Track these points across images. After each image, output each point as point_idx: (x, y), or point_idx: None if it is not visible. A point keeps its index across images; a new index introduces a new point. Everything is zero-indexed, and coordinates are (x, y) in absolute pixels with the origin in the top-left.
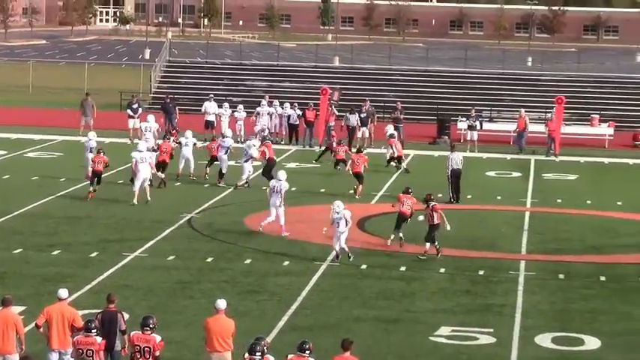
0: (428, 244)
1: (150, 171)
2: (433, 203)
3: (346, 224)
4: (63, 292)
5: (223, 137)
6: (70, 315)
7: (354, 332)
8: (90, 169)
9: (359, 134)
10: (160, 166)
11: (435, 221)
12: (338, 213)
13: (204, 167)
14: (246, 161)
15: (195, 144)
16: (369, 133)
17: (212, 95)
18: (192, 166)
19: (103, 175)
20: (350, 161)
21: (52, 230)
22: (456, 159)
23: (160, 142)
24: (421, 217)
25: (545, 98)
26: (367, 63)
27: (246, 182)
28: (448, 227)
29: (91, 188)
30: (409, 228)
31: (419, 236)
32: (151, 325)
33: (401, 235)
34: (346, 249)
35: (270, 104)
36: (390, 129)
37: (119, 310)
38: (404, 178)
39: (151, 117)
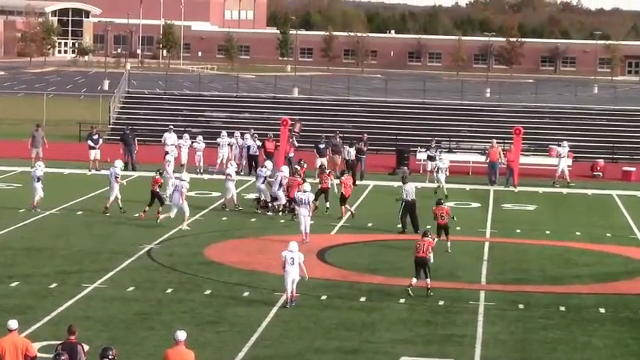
0: (415, 280)
1: (182, 199)
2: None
3: (298, 266)
4: (13, 323)
5: (261, 167)
6: (23, 345)
7: None
8: (37, 198)
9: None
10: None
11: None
12: (292, 252)
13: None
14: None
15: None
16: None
17: (172, 126)
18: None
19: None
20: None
21: (11, 261)
22: (410, 190)
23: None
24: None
25: (503, 129)
26: (326, 94)
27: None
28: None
29: (147, 208)
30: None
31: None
32: (110, 356)
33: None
34: (294, 294)
35: (230, 135)
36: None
37: (79, 342)
38: (361, 210)
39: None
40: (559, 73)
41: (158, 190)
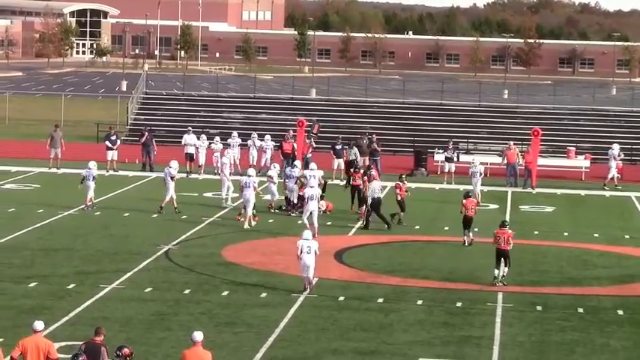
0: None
1: (254, 195)
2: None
3: (315, 255)
4: (38, 325)
5: (293, 167)
6: (45, 347)
7: None
8: (91, 196)
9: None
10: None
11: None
12: (307, 240)
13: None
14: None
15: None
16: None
17: (190, 128)
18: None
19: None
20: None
21: (29, 262)
22: (376, 188)
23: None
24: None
25: (521, 130)
26: (344, 95)
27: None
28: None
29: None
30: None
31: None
32: (118, 353)
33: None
34: (312, 282)
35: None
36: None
37: (104, 344)
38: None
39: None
40: (577, 75)
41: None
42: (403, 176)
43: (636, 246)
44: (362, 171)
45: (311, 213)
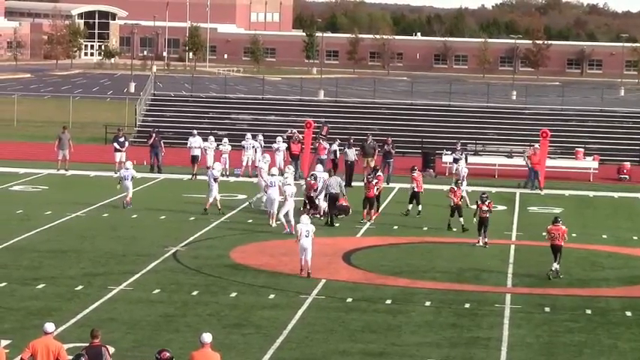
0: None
1: (279, 194)
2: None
3: (310, 238)
4: (49, 326)
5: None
6: (56, 349)
7: None
8: (129, 197)
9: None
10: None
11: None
12: (305, 224)
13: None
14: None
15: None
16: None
17: (195, 131)
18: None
19: None
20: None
21: (37, 264)
22: (333, 183)
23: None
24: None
25: (529, 132)
26: (352, 96)
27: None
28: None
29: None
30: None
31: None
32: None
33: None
34: (309, 264)
35: (254, 138)
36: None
37: (104, 345)
38: (387, 212)
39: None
40: (585, 76)
41: (313, 195)
42: (458, 181)
43: None
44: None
45: (287, 212)
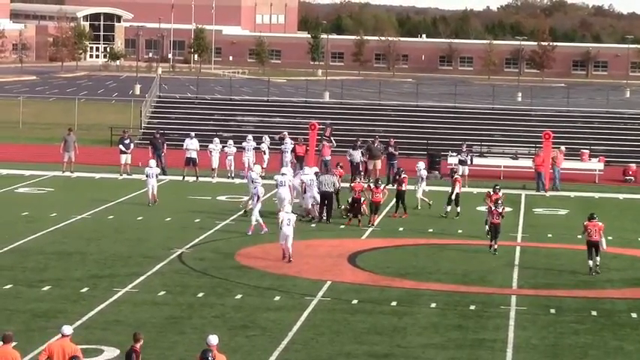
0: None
1: (290, 193)
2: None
3: (292, 226)
4: (66, 329)
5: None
6: (71, 351)
7: None
8: (153, 193)
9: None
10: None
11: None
12: (287, 213)
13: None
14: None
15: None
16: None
17: (193, 134)
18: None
19: None
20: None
21: (43, 266)
22: (326, 182)
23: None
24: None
25: (534, 133)
26: (357, 98)
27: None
28: None
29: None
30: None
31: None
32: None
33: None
34: (290, 251)
35: (260, 140)
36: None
37: (136, 349)
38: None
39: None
40: (591, 78)
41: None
42: (497, 186)
43: None
44: (382, 185)
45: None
